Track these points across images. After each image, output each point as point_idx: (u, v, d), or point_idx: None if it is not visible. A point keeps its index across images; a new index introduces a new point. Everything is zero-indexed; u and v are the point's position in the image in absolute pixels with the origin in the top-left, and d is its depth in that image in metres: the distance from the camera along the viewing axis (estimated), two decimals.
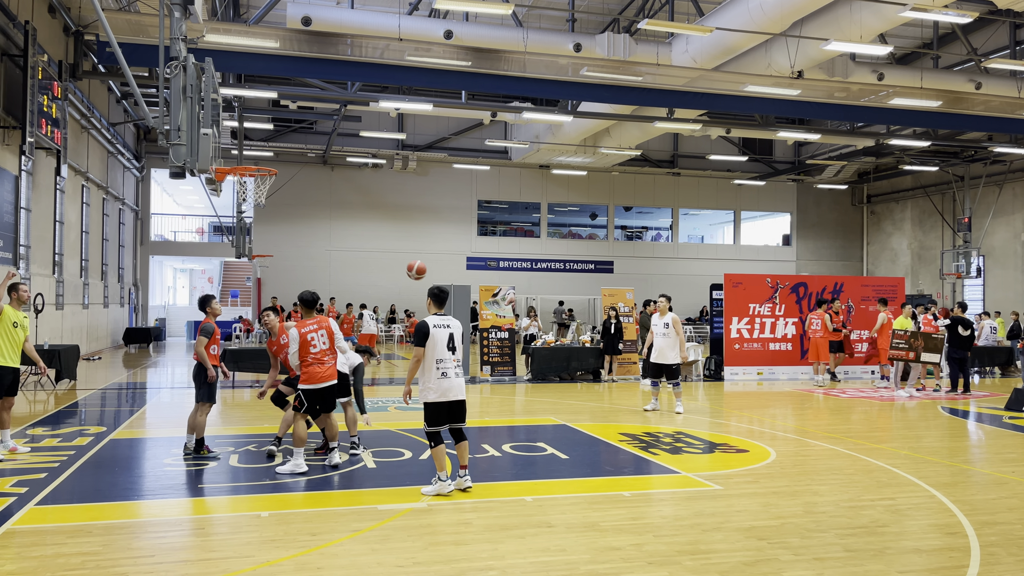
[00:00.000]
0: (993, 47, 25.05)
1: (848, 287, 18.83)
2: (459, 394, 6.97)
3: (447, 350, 6.93)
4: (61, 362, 14.53)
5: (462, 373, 7.06)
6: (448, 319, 7.07)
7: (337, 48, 19.02)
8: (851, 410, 12.99)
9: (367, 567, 5.07)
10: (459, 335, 7.08)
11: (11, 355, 8.39)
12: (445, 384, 6.88)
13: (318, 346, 7.73)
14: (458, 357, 7.01)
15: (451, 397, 6.91)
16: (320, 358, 7.75)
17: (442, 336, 6.93)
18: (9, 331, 8.37)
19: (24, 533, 5.73)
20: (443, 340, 6.92)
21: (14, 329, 8.42)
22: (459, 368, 7.02)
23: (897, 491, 7.25)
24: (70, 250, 20.78)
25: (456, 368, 6.97)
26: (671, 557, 5.31)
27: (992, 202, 32.06)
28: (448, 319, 7.07)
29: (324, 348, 7.78)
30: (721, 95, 21.74)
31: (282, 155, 32.43)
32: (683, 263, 37.39)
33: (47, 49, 16.68)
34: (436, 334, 6.90)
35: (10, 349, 8.38)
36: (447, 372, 6.89)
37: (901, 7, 16.00)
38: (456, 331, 7.05)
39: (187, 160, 10.25)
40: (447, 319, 7.07)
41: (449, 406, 6.93)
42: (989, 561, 5.30)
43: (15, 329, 8.43)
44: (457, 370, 6.98)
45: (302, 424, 7.78)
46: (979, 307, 30.56)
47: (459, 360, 7.03)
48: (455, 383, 6.93)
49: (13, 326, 8.41)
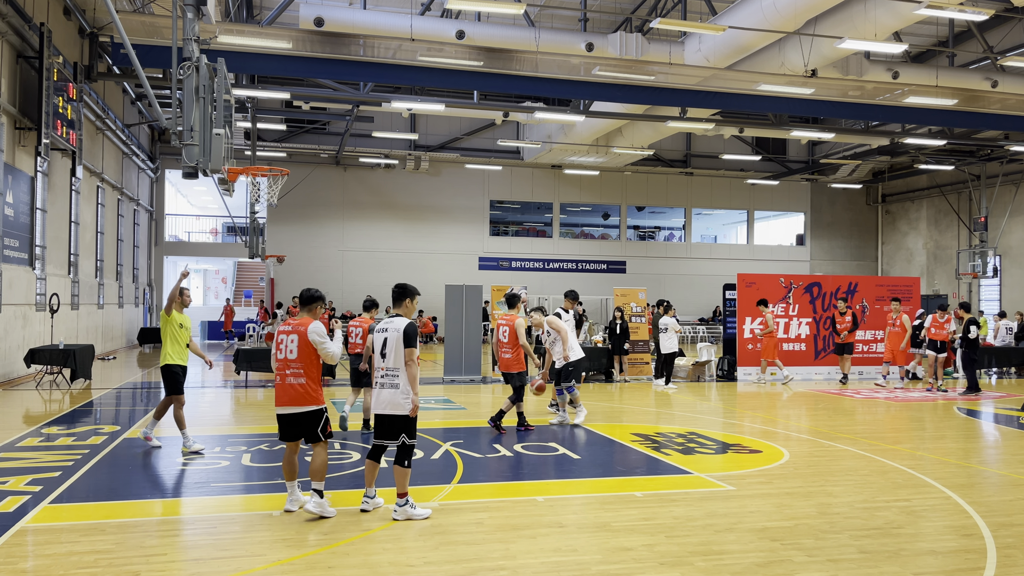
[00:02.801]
0: (1009, 45, 24.78)
1: (863, 287, 18.70)
2: (379, 407, 6.27)
3: (380, 356, 6.31)
4: (76, 362, 14.62)
5: (395, 383, 6.21)
6: (390, 322, 6.33)
7: (349, 49, 19.08)
8: (866, 411, 12.89)
9: (378, 566, 5.06)
10: (394, 339, 6.22)
11: (181, 355, 8.80)
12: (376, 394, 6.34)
13: (282, 353, 6.26)
14: (389, 364, 6.24)
15: (376, 409, 6.30)
16: (281, 371, 6.26)
17: (376, 341, 6.36)
18: (176, 332, 8.75)
19: (38, 531, 5.76)
20: (377, 346, 6.35)
21: (180, 330, 8.81)
22: (388, 376, 6.23)
23: (912, 492, 7.18)
24: (85, 250, 20.93)
25: (384, 376, 6.25)
26: (683, 558, 5.28)
27: (1009, 201, 31.75)
28: (390, 322, 6.33)
29: (290, 359, 6.21)
30: (734, 94, 21.64)
31: (295, 156, 32.56)
32: (696, 263, 37.25)
33: (62, 51, 16.81)
34: (373, 340, 6.42)
35: (180, 349, 8.79)
36: (378, 381, 6.30)
37: (916, 5, 15.86)
38: (391, 334, 6.25)
39: (200, 160, 10.30)
40: (389, 321, 6.35)
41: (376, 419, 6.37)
42: (1005, 563, 5.23)
43: (181, 330, 8.83)
44: (384, 380, 6.24)
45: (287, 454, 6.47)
46: (995, 307, 30.25)
47: (390, 367, 6.23)
48: (380, 394, 6.27)
49: (179, 327, 8.80)
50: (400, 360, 6.19)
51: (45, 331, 16.85)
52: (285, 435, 6.37)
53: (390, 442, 6.25)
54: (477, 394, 14.68)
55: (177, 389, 8.78)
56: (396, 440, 6.22)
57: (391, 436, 6.23)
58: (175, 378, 8.75)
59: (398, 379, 6.19)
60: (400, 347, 6.19)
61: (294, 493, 6.29)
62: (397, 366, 6.20)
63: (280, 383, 6.27)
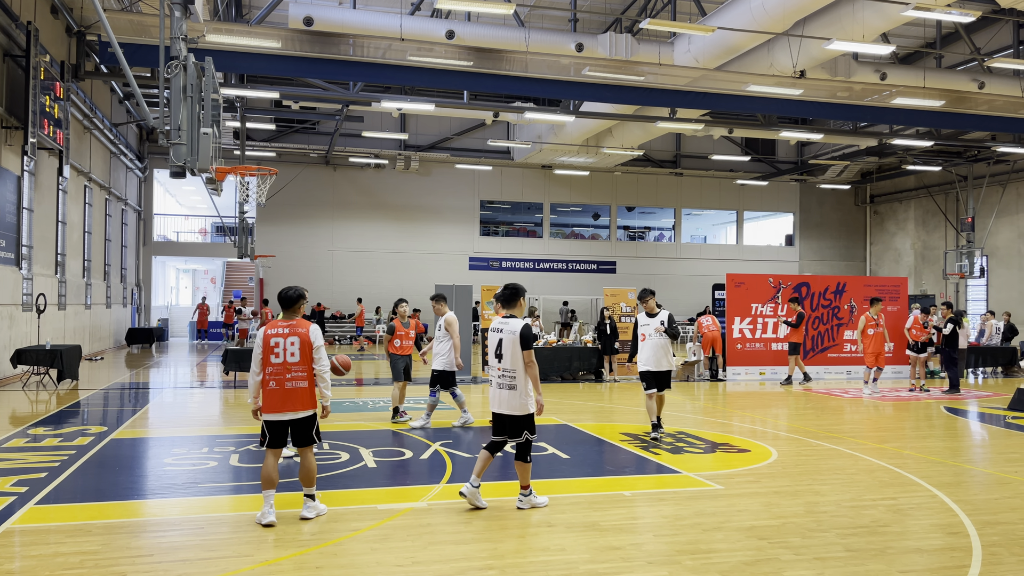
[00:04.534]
0: (996, 47, 24.97)
1: (851, 287, 18.79)
2: (499, 406, 6.46)
3: (495, 357, 6.48)
4: (63, 362, 14.54)
5: (512, 383, 6.41)
6: (505, 322, 6.49)
7: (339, 48, 19.02)
8: (853, 410, 12.96)
9: (366, 566, 5.05)
10: (510, 340, 6.37)
11: None
12: (491, 393, 6.57)
13: (279, 356, 6.04)
14: (505, 365, 6.41)
15: (494, 408, 6.53)
16: (279, 375, 6.05)
17: (492, 341, 6.53)
18: None
19: (24, 532, 5.72)
20: (492, 346, 6.53)
21: None
22: (505, 377, 6.42)
23: (899, 491, 7.22)
24: (72, 250, 20.80)
25: (500, 377, 6.43)
26: (671, 557, 5.29)
27: (996, 202, 31.97)
28: (505, 322, 6.49)
29: (291, 362, 6.04)
30: (723, 95, 21.70)
31: (285, 155, 32.45)
32: (686, 263, 37.35)
33: (49, 50, 16.70)
34: (489, 339, 6.59)
35: None
36: (493, 380, 6.53)
37: (904, 6, 15.95)
38: (506, 335, 6.41)
39: (187, 159, 10.26)
40: (504, 322, 6.52)
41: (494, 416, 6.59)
42: (991, 561, 5.27)
43: None
44: (500, 379, 6.44)
45: (270, 461, 6.13)
46: (982, 307, 30.45)
47: (507, 368, 6.41)
48: (496, 394, 6.49)
49: None
50: (517, 361, 6.37)
51: (32, 331, 16.74)
52: (275, 442, 6.09)
53: (512, 439, 6.49)
54: (467, 394, 14.66)
55: None
56: (520, 437, 6.46)
57: (514, 434, 6.47)
58: None
59: (515, 380, 6.39)
60: (517, 349, 6.36)
61: (271, 503, 5.95)
62: (514, 367, 6.38)
63: (277, 388, 6.01)
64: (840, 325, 18.52)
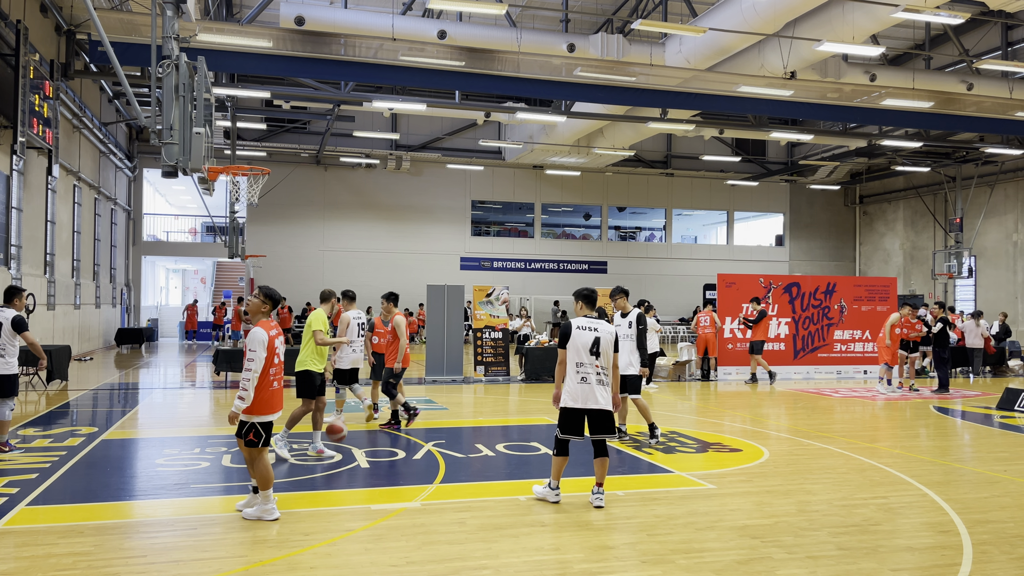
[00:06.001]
0: (985, 48, 25.16)
1: (841, 287, 18.88)
2: (598, 402, 6.63)
3: (590, 355, 6.62)
4: (52, 362, 14.44)
5: (608, 381, 6.68)
6: (597, 323, 6.75)
7: (331, 48, 18.99)
8: (844, 410, 13.03)
9: (360, 567, 5.05)
10: (608, 340, 6.68)
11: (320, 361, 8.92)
12: (583, 390, 6.62)
13: (281, 357, 6.36)
14: (603, 364, 6.64)
15: (589, 405, 6.62)
16: (279, 376, 6.35)
17: (585, 339, 6.66)
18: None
19: (15, 533, 5.69)
20: (586, 344, 6.64)
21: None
22: (603, 375, 6.64)
23: (890, 490, 7.26)
24: (62, 250, 20.68)
25: (599, 374, 6.63)
26: (664, 556, 5.31)
27: (984, 203, 32.20)
28: (597, 323, 6.75)
29: (279, 362, 6.36)
30: (714, 95, 21.78)
31: (275, 155, 32.36)
32: (677, 263, 37.45)
33: (39, 48, 16.60)
34: (578, 337, 6.68)
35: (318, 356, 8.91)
36: (587, 377, 6.61)
37: (893, 8, 16.05)
38: (604, 335, 6.68)
39: (179, 159, 10.22)
40: (596, 322, 6.75)
41: (586, 414, 6.65)
42: (981, 559, 5.31)
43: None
44: (600, 376, 6.63)
45: (264, 461, 6.21)
46: (971, 307, 30.65)
47: (603, 367, 6.65)
48: (595, 390, 6.62)
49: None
50: (610, 360, 6.73)
51: None
52: (268, 440, 6.26)
53: (608, 435, 6.71)
54: (459, 394, 14.68)
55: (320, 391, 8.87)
56: (613, 433, 6.73)
57: (611, 429, 6.72)
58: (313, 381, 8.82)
59: (609, 377, 6.71)
60: (611, 349, 6.73)
61: (274, 500, 6.14)
62: (608, 366, 6.71)
63: (278, 388, 6.26)
64: (831, 325, 18.62)
